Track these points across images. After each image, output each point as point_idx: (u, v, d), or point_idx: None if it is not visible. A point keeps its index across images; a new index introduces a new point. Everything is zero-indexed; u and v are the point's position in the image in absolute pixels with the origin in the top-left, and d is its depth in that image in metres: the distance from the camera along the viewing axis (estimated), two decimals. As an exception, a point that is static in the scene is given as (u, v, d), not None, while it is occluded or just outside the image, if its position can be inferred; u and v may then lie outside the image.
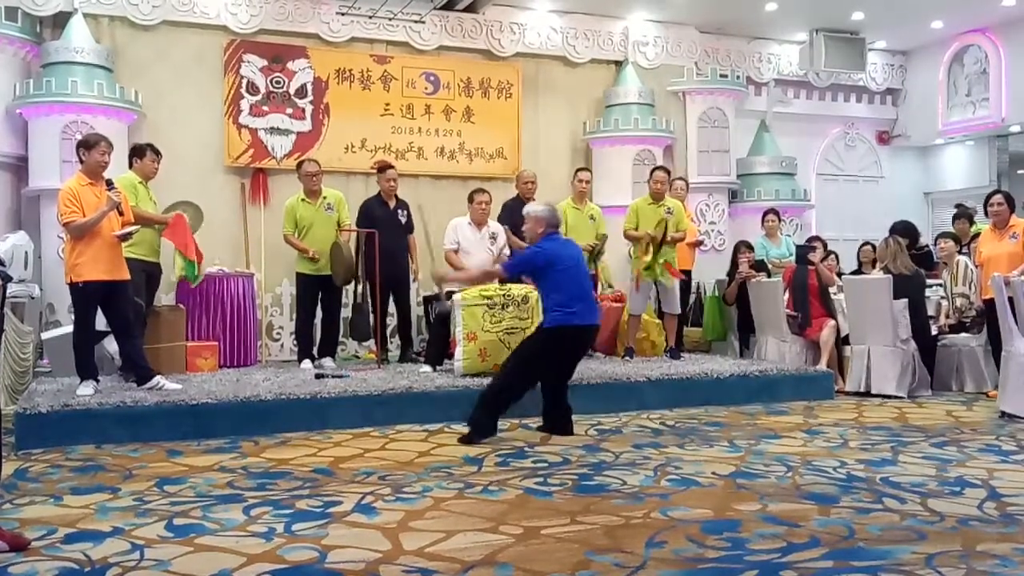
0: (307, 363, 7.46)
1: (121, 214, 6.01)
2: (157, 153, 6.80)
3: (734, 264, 8.68)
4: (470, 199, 7.54)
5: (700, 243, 9.05)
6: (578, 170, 8.49)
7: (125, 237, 5.88)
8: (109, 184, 5.94)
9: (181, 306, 7.36)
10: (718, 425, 5.86)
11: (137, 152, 6.78)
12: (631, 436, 5.48)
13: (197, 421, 5.46)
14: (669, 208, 7.84)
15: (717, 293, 9.04)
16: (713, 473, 4.44)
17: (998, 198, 7.05)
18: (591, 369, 7.06)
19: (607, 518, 3.63)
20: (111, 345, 6.45)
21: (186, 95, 8.56)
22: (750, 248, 8.67)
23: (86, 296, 5.78)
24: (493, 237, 7.45)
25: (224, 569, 3.02)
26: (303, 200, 7.55)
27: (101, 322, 6.02)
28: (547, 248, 5.49)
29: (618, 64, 10.30)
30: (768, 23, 10.57)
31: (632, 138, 9.88)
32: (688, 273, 8.65)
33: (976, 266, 7.36)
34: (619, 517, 3.64)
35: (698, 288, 9.43)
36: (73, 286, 5.79)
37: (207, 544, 3.31)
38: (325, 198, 7.57)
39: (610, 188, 9.79)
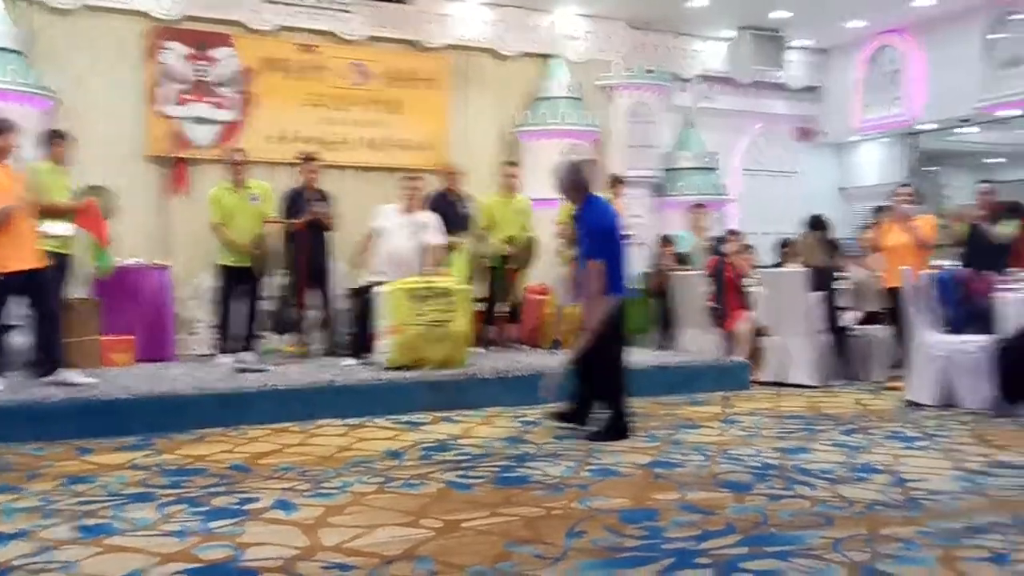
0: (223, 357, 7.32)
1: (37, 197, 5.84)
2: (62, 137, 6.54)
3: (657, 257, 8.81)
4: (400, 184, 7.42)
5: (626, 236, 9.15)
6: (504, 163, 8.51)
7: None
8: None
9: (95, 299, 7.14)
10: (638, 416, 5.91)
11: (49, 138, 6.55)
12: (553, 428, 5.50)
13: (110, 418, 5.29)
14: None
15: (641, 285, 9.15)
16: (632, 463, 4.51)
17: (907, 188, 7.29)
18: (515, 361, 7.10)
19: (528, 509, 3.65)
20: (17, 339, 6.22)
21: (105, 82, 8.32)
22: (671, 242, 8.82)
23: (6, 288, 5.57)
24: (419, 225, 7.18)
25: (135, 570, 2.95)
26: (227, 189, 7.41)
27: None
28: (606, 208, 5.17)
29: (547, 58, 10.33)
30: (694, 20, 10.72)
31: (560, 132, 9.91)
32: None
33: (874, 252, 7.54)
34: (540, 508, 3.67)
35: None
36: None
37: (118, 544, 3.23)
38: (251, 188, 7.43)
39: (539, 181, 9.78)
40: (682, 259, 8.68)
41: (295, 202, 7.60)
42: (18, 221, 5.59)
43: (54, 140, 6.49)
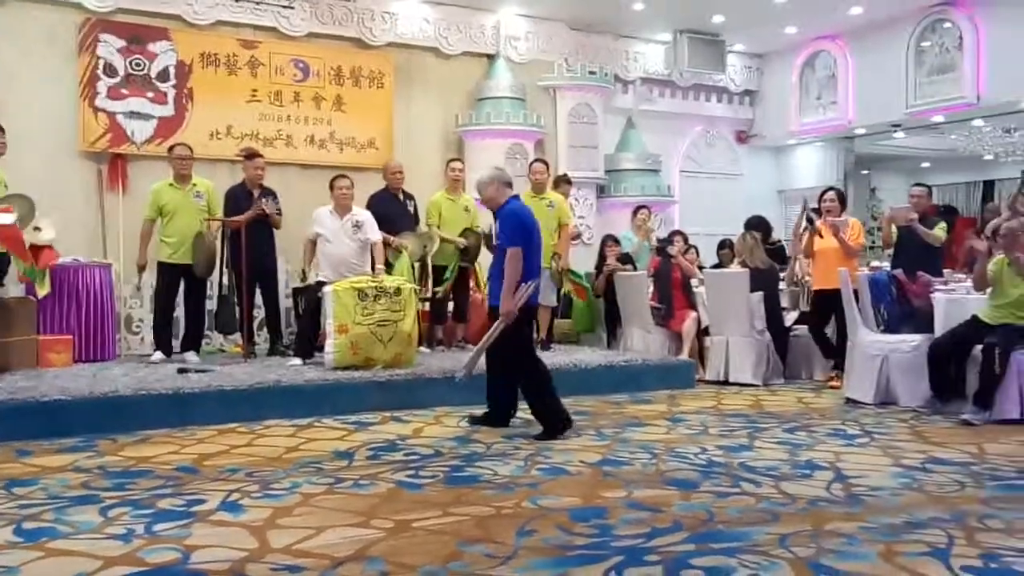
0: (159, 355, 7.19)
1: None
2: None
3: (602, 257, 8.90)
4: (331, 186, 7.22)
5: (577, 236, 9.23)
6: (450, 160, 8.51)
7: None
8: None
9: (31, 297, 6.95)
10: (586, 414, 5.99)
11: None
12: (501, 427, 5.53)
13: (49, 419, 5.16)
14: (551, 201, 7.95)
15: (587, 285, 9.23)
16: (581, 461, 4.55)
17: (831, 194, 7.51)
18: (463, 361, 7.06)
19: (478, 509, 3.67)
20: None
21: (37, 75, 8.09)
22: (616, 242, 8.91)
23: None
24: (357, 225, 7.08)
25: (79, 573, 2.89)
26: (171, 184, 7.27)
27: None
28: (520, 206, 5.39)
29: (490, 57, 10.35)
30: (635, 22, 10.84)
31: (504, 131, 9.95)
32: None
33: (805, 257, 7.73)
34: (490, 507, 3.69)
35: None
36: None
37: (60, 548, 3.16)
38: (195, 185, 7.31)
39: (482, 181, 9.82)
40: (626, 259, 8.77)
41: (238, 199, 7.48)
42: None
43: None
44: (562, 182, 8.98)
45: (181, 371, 6.34)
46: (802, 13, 10.59)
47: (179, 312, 7.50)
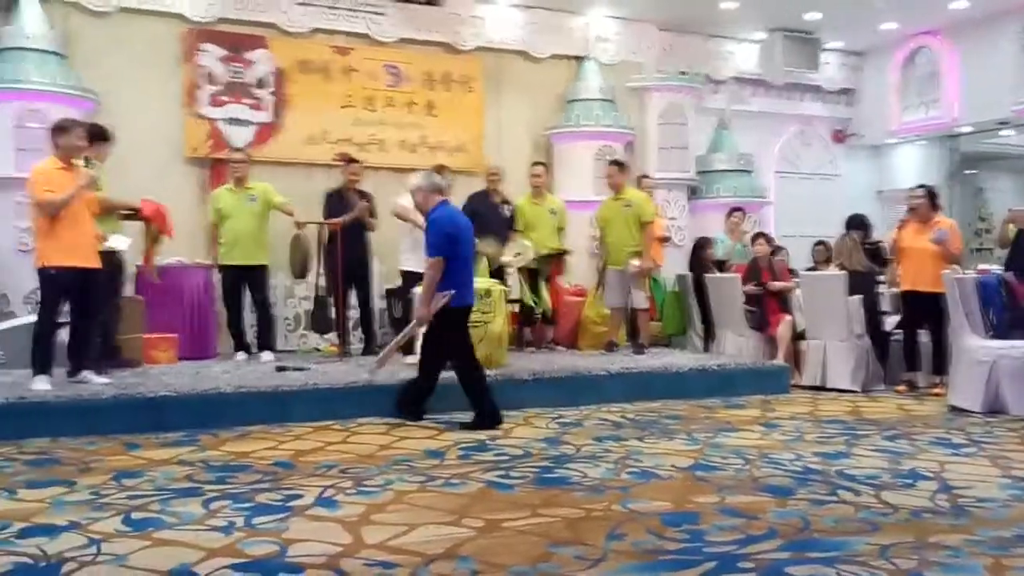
0: (241, 354, 7.44)
1: (99, 189, 5.91)
2: (105, 137, 6.65)
3: (695, 260, 8.74)
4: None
5: (667, 239, 9.09)
6: (532, 164, 8.52)
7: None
8: (87, 161, 5.84)
9: (140, 297, 7.24)
10: (677, 418, 5.92)
11: (99, 135, 6.62)
12: (592, 429, 5.52)
13: (155, 414, 5.39)
14: (628, 202, 7.90)
15: (677, 288, 9.12)
16: (672, 466, 4.49)
17: (919, 191, 7.19)
18: (552, 362, 7.10)
19: (568, 511, 3.65)
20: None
21: (143, 84, 8.41)
22: (710, 244, 8.76)
23: (55, 285, 5.64)
24: None
25: (184, 563, 2.99)
26: (228, 189, 7.54)
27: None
28: (445, 214, 5.58)
29: (579, 60, 10.32)
30: (727, 22, 10.66)
31: (593, 134, 9.90)
32: None
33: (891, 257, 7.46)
34: (580, 510, 3.67)
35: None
36: (42, 272, 5.64)
37: (165, 538, 3.28)
38: (250, 189, 7.52)
39: (572, 183, 9.82)
40: (719, 262, 8.63)
41: (335, 203, 7.65)
42: (79, 219, 5.68)
43: (99, 138, 6.56)
44: (641, 179, 8.91)
45: (279, 369, 6.51)
46: (901, 9, 10.25)
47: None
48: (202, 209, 8.41)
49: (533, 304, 7.94)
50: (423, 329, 5.72)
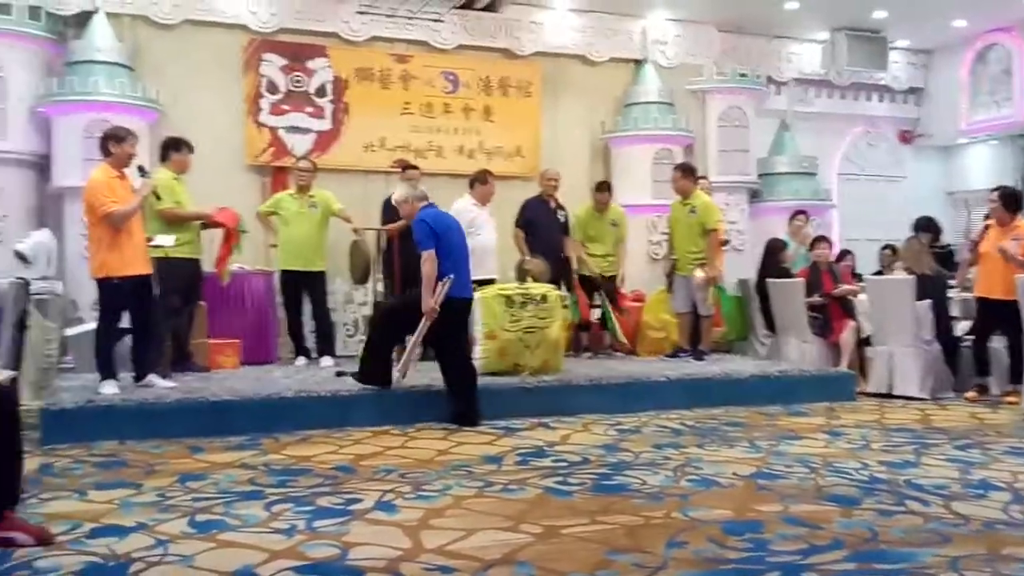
0: (301, 360, 7.54)
1: (159, 198, 6.04)
2: (190, 148, 6.81)
3: (768, 262, 8.58)
4: (481, 182, 7.58)
5: (725, 242, 8.91)
6: (598, 185, 8.39)
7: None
8: (142, 170, 5.97)
9: (203, 303, 7.39)
10: (738, 425, 5.83)
11: (172, 145, 6.76)
12: (651, 436, 5.47)
13: (219, 418, 5.48)
14: (693, 207, 7.81)
15: (739, 293, 8.99)
16: (734, 474, 4.42)
17: (995, 194, 6.95)
18: (610, 368, 7.06)
19: (627, 518, 3.62)
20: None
21: (206, 94, 8.59)
22: (783, 247, 8.57)
23: (120, 293, 5.75)
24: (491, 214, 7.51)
25: (247, 565, 3.03)
26: (291, 195, 7.64)
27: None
28: (428, 214, 5.82)
29: (637, 63, 10.27)
30: (788, 22, 10.50)
31: (651, 137, 9.85)
32: None
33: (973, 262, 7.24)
34: (639, 517, 3.64)
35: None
36: (106, 282, 5.74)
37: (229, 540, 3.33)
38: (312, 196, 7.61)
39: (630, 187, 9.76)
40: (782, 270, 8.47)
41: (394, 209, 7.69)
42: (134, 228, 5.82)
43: (179, 148, 6.71)
44: (696, 180, 8.77)
45: (339, 374, 6.58)
46: (972, 5, 9.99)
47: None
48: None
49: (614, 334, 7.96)
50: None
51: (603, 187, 8.34)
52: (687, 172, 8.03)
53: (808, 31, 10.85)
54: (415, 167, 7.99)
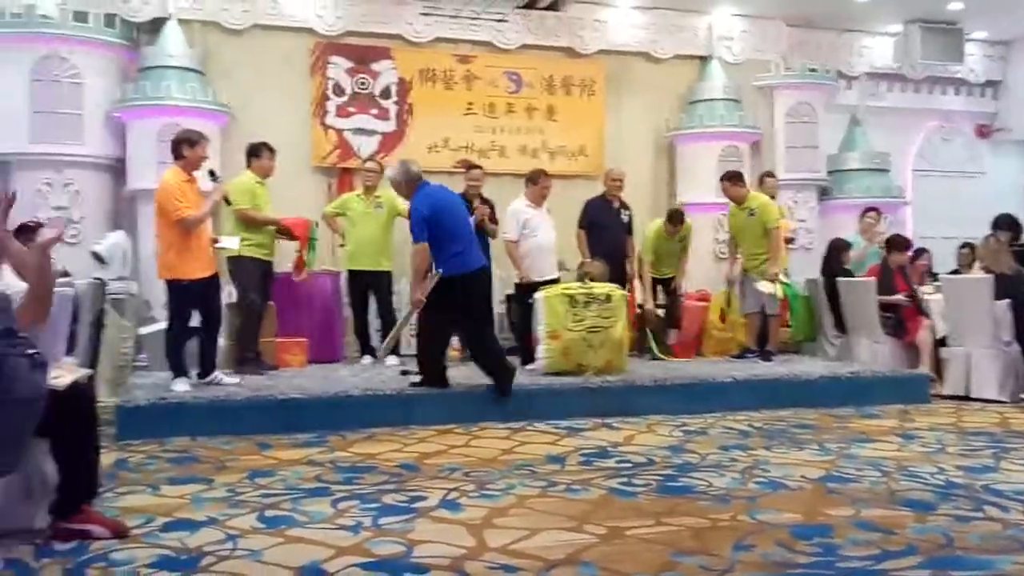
0: (367, 358, 7.62)
1: (228, 203, 6.17)
2: (272, 151, 6.93)
3: (830, 262, 8.40)
4: (534, 181, 7.44)
5: (790, 240, 8.76)
6: (672, 215, 8.08)
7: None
8: (214, 175, 6.09)
9: (271, 303, 7.52)
10: (807, 428, 5.71)
11: (253, 152, 6.88)
12: (717, 437, 5.39)
13: (286, 415, 5.57)
14: (752, 210, 7.68)
15: (807, 292, 8.80)
16: (802, 476, 4.33)
17: None
18: (675, 369, 6.98)
19: (693, 520, 3.57)
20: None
21: (274, 97, 8.75)
22: (848, 246, 8.39)
23: (189, 294, 5.87)
24: (548, 212, 7.39)
25: (314, 561, 3.07)
26: (358, 196, 7.72)
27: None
28: (422, 197, 5.83)
29: (702, 59, 10.15)
30: (860, 15, 10.27)
31: (717, 134, 9.73)
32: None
33: None
34: (705, 519, 3.59)
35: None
36: (175, 284, 5.85)
37: (297, 536, 3.38)
38: (378, 197, 7.67)
39: (694, 186, 9.65)
40: (854, 265, 8.28)
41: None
42: (200, 230, 5.94)
43: (261, 153, 6.84)
44: (763, 178, 8.63)
45: (403, 373, 6.64)
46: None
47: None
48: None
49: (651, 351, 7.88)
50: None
51: (676, 219, 7.98)
52: (734, 179, 7.85)
53: (880, 24, 10.58)
54: (478, 166, 8.02)
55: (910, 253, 8.12)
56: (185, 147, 5.91)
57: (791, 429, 5.67)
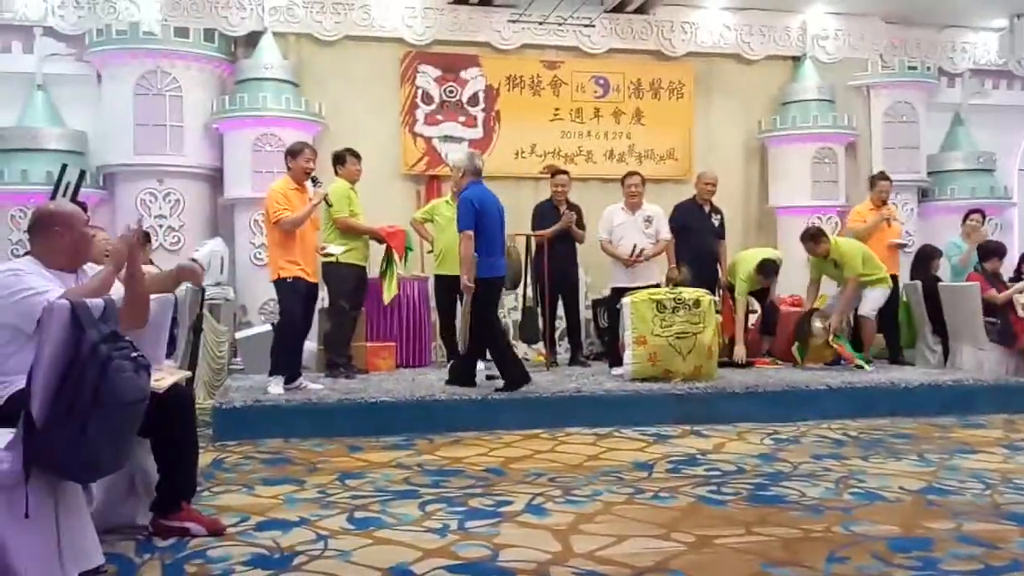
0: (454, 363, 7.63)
1: (330, 205, 6.32)
2: (357, 156, 7.07)
3: (919, 270, 8.09)
4: (622, 182, 7.45)
5: (904, 245, 8.32)
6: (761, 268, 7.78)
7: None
8: (315, 180, 6.25)
9: (362, 308, 7.66)
10: (906, 437, 5.51)
11: (338, 159, 7.01)
12: (810, 446, 5.24)
13: (376, 418, 5.65)
14: (837, 262, 7.44)
15: (906, 298, 8.50)
16: (900, 488, 4.18)
17: None
18: (767, 375, 6.83)
19: (785, 530, 3.48)
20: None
21: (365, 106, 8.92)
22: (939, 253, 8.08)
23: (295, 291, 6.00)
24: (648, 220, 7.26)
25: (402, 562, 3.10)
26: (446, 202, 7.77)
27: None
28: (475, 193, 6.02)
29: (795, 60, 9.94)
30: (962, 10, 9.89)
31: (811, 136, 9.50)
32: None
33: None
34: (797, 530, 3.49)
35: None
36: (282, 281, 5.98)
37: (386, 537, 3.42)
38: None
39: (787, 188, 9.44)
40: (956, 270, 7.96)
41: (544, 214, 7.75)
42: (307, 236, 6.09)
43: (344, 160, 6.99)
44: (876, 179, 8.32)
45: (489, 378, 6.67)
46: None
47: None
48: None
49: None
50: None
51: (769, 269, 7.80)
52: (817, 238, 7.49)
53: (984, 19, 10.17)
54: (564, 172, 7.99)
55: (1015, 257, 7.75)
56: (289, 158, 6.15)
57: (888, 439, 5.48)
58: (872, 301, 7.45)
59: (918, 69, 9.96)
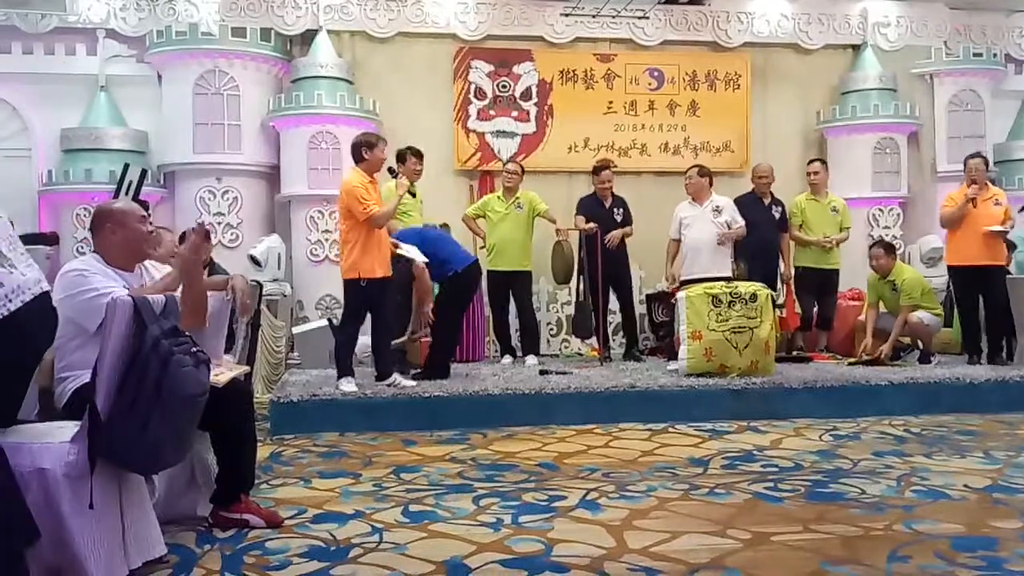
0: (507, 358, 7.66)
1: (413, 195, 6.35)
2: (418, 155, 7.09)
3: None
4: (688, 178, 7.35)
5: (1004, 233, 7.89)
6: (809, 162, 8.12)
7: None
8: (392, 171, 6.25)
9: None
10: (971, 434, 5.37)
11: (399, 157, 7.05)
12: (871, 443, 5.14)
13: (430, 413, 5.70)
14: (895, 285, 7.33)
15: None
16: (965, 486, 4.08)
17: None
18: (826, 371, 6.71)
19: (844, 528, 3.43)
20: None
21: (418, 102, 8.96)
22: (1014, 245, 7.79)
23: (366, 294, 5.88)
24: (717, 210, 7.09)
25: (456, 556, 3.12)
26: (498, 197, 7.77)
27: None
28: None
29: (855, 48, 9.72)
30: (1031, -7, 9.58)
31: (872, 126, 9.28)
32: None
33: None
34: (857, 527, 3.43)
35: (948, 286, 8.60)
36: (354, 283, 5.86)
37: (440, 531, 3.45)
38: (518, 198, 7.69)
39: (847, 179, 9.24)
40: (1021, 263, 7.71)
41: (590, 208, 7.70)
42: (381, 231, 6.01)
43: (405, 158, 7.02)
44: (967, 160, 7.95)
45: (543, 373, 6.67)
46: None
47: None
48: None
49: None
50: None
51: (815, 161, 8.08)
52: (890, 250, 7.45)
53: (1055, 2, 9.83)
54: (607, 167, 7.84)
55: None
56: (364, 150, 5.94)
57: (953, 435, 5.35)
58: (921, 312, 7.27)
59: (984, 56, 9.66)
